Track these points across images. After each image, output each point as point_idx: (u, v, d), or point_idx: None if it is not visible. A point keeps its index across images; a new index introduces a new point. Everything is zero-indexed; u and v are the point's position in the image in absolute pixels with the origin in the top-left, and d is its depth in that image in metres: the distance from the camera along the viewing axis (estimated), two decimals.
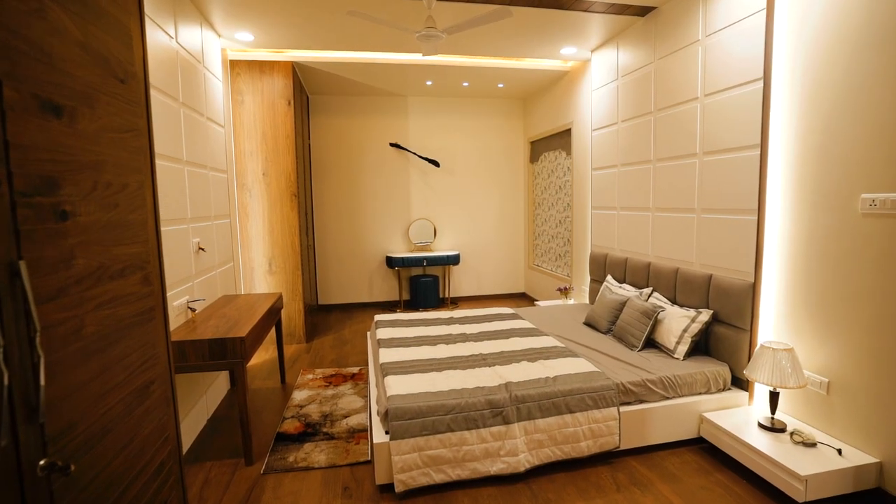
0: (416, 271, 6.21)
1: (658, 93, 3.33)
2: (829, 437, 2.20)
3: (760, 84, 2.45)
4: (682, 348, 2.77)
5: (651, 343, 3.02)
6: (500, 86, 5.54)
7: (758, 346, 2.38)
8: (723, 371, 2.61)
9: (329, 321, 5.47)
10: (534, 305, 4.92)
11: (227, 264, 3.60)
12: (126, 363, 1.14)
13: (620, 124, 3.85)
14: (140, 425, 1.19)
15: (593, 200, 4.38)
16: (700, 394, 2.58)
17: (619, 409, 2.41)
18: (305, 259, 4.90)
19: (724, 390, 2.62)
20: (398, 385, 2.41)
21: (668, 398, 2.54)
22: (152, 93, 2.37)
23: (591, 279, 4.34)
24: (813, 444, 2.11)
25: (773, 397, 2.29)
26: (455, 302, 6.27)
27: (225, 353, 2.38)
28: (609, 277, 3.86)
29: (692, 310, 2.85)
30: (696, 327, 2.76)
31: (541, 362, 2.71)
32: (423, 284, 5.89)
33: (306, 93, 5.47)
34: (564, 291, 4.72)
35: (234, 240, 4.09)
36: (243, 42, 3.82)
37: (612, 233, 4.04)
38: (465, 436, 2.23)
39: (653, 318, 2.94)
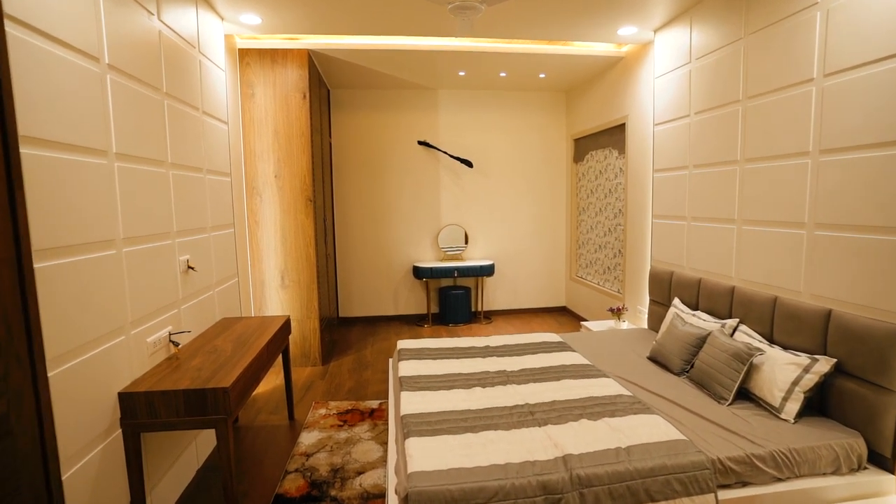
0: (447, 282, 5.66)
1: (750, 76, 2.67)
2: None
3: None
4: (792, 407, 2.12)
5: (743, 393, 2.37)
6: (542, 76, 4.93)
7: None
8: (857, 444, 1.95)
9: (350, 338, 4.98)
10: (581, 328, 4.30)
11: (230, 281, 3.14)
12: None
13: (693, 117, 3.19)
14: None
15: (654, 207, 3.72)
16: (825, 474, 1.93)
17: (716, 497, 1.79)
18: (324, 270, 4.42)
19: (857, 470, 1.95)
20: (423, 455, 1.86)
21: (780, 479, 1.90)
22: (119, 79, 1.89)
23: (651, 300, 3.68)
24: None
25: None
26: (488, 317, 5.69)
27: (205, 408, 1.88)
28: (677, 301, 3.21)
29: (803, 355, 2.19)
30: (810, 379, 2.10)
31: (605, 421, 2.10)
32: (453, 297, 5.34)
33: (326, 86, 4.99)
34: (617, 312, 4.07)
35: (242, 252, 3.64)
36: (250, 26, 3.35)
37: (680, 247, 3.38)
38: None
39: (747, 364, 2.30)
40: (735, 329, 2.67)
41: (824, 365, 2.09)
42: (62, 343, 1.54)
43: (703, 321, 2.85)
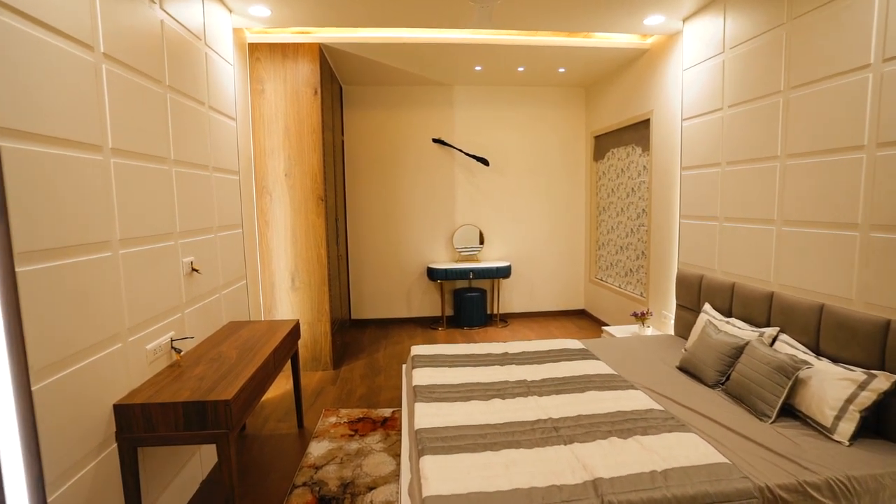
0: (461, 284, 5.50)
1: (792, 65, 2.46)
2: None
3: None
4: (847, 427, 1.92)
5: (787, 409, 2.17)
6: (561, 70, 4.74)
7: None
8: None
9: (362, 341, 4.85)
10: (602, 333, 4.11)
11: (238, 283, 3.02)
12: None
13: (727, 111, 2.99)
14: None
15: (682, 207, 3.52)
16: None
17: None
18: (335, 271, 4.29)
19: None
20: (440, 476, 1.70)
21: None
22: (116, 70, 1.77)
23: (678, 305, 3.48)
24: None
25: None
26: (505, 320, 5.52)
27: (205, 421, 1.76)
28: (708, 307, 3.01)
29: (857, 369, 1.99)
30: (867, 397, 1.90)
31: (637, 439, 1.93)
32: (468, 299, 5.18)
33: (339, 82, 4.87)
34: (641, 317, 3.87)
35: (251, 253, 3.53)
36: (259, 18, 3.22)
37: (711, 249, 3.18)
38: None
39: (793, 378, 2.10)
40: (775, 338, 2.47)
41: (883, 382, 1.89)
42: (50, 353, 1.42)
43: (738, 329, 2.65)
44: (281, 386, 3.67)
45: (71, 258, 1.52)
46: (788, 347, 2.34)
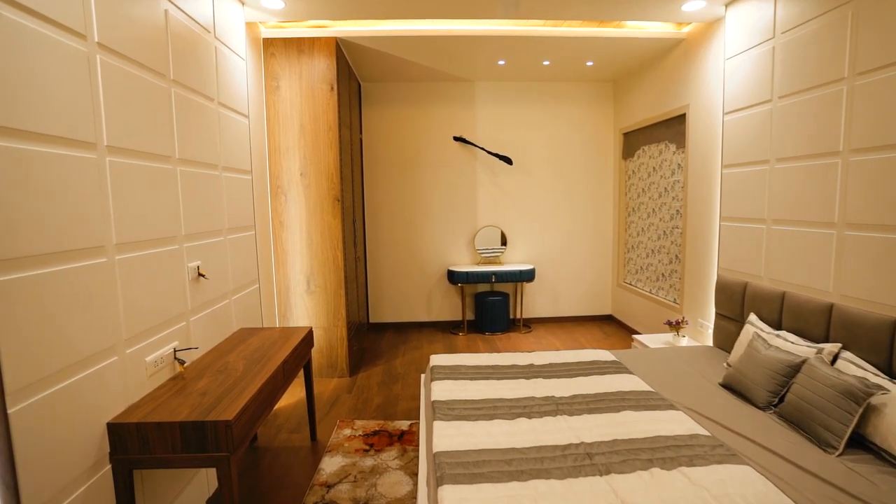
0: (483, 288, 5.30)
1: (860, 48, 2.19)
2: None
3: None
4: None
5: (856, 440, 1.92)
6: (589, 64, 4.50)
7: None
8: None
9: (380, 346, 4.70)
10: (633, 342, 3.85)
11: (249, 287, 2.89)
12: None
13: (777, 102, 2.72)
14: None
15: (723, 208, 3.25)
16: None
17: None
18: (352, 274, 4.15)
19: None
20: None
21: None
22: (112, 61, 1.64)
23: (718, 313, 3.22)
24: None
25: None
26: (528, 325, 5.29)
27: (205, 443, 1.61)
28: (754, 318, 2.75)
29: None
30: None
31: (682, 471, 1.71)
32: (490, 304, 4.98)
33: (357, 79, 4.72)
34: (675, 326, 3.61)
35: (265, 255, 3.40)
36: (272, 10, 3.08)
37: (757, 254, 2.91)
38: None
39: (863, 405, 1.84)
40: (836, 356, 2.20)
41: None
42: (32, 371, 1.29)
43: (792, 344, 2.39)
44: (295, 393, 3.53)
45: (57, 265, 1.39)
46: (855, 368, 2.07)
